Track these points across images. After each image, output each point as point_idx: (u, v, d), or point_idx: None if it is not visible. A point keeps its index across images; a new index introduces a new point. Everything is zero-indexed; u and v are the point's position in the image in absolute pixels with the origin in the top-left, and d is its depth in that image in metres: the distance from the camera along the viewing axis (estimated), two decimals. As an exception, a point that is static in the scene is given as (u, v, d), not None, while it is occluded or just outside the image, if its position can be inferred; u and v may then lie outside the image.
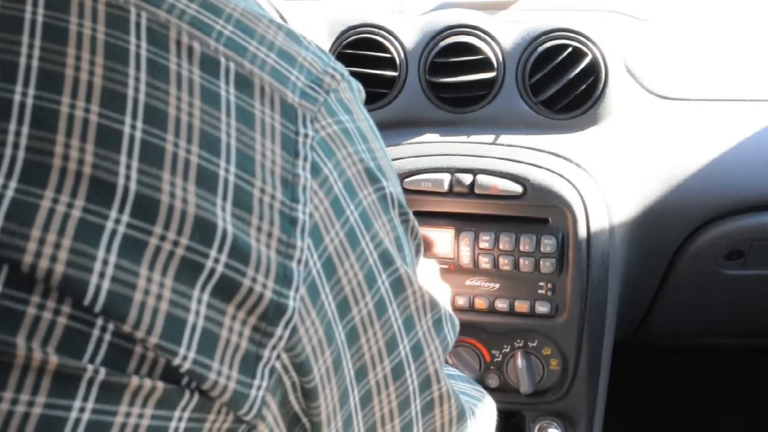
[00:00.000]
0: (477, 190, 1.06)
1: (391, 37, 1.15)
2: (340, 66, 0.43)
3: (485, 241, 1.07)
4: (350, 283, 0.41)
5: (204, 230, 0.35)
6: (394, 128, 1.15)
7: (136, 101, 0.34)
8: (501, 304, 1.09)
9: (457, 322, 0.54)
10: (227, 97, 0.37)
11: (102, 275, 0.32)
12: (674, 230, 1.14)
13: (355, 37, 1.15)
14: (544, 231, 1.06)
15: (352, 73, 0.44)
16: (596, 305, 1.08)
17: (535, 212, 1.06)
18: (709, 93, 1.14)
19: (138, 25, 0.36)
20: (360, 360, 0.43)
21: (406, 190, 1.08)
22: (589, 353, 1.10)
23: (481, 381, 1.14)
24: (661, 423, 1.76)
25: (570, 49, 1.08)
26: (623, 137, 1.11)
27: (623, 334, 1.21)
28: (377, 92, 1.15)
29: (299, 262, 0.38)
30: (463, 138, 1.12)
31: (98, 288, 0.32)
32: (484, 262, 1.08)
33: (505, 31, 1.13)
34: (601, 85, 1.08)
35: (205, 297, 0.35)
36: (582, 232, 1.05)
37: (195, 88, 0.36)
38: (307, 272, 0.38)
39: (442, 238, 1.09)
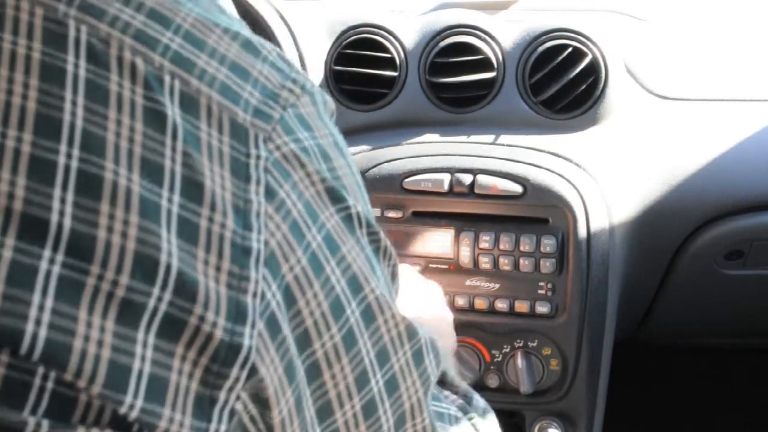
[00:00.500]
0: (477, 190, 1.06)
1: (391, 37, 1.15)
2: (302, 77, 0.40)
3: (485, 241, 1.07)
4: (312, 315, 0.38)
5: (145, 267, 0.32)
6: (394, 128, 1.15)
7: (72, 127, 0.32)
8: (501, 304, 1.09)
9: (440, 351, 0.49)
10: (173, 119, 0.34)
11: (38, 322, 0.30)
12: (674, 230, 1.14)
13: (355, 37, 1.15)
14: (544, 231, 1.06)
15: (352, 74, 0.43)
16: (596, 305, 1.08)
17: (535, 212, 1.06)
18: (709, 93, 1.14)
19: (77, 41, 0.33)
20: (322, 398, 0.40)
21: (406, 190, 1.08)
22: (589, 353, 1.10)
23: (481, 381, 1.14)
24: (661, 423, 1.76)
25: (570, 49, 1.08)
26: (623, 137, 1.11)
27: (623, 334, 1.21)
28: (377, 92, 1.15)
29: (254, 295, 0.35)
30: (463, 138, 1.12)
31: (35, 336, 0.30)
32: (484, 263, 1.07)
33: (505, 31, 1.13)
34: (601, 85, 1.08)
35: (151, 339, 0.32)
36: (582, 232, 1.05)
37: (137, 111, 0.33)
38: (264, 305, 0.35)
39: (442, 238, 1.09)
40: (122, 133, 0.33)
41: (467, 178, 1.06)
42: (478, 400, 0.64)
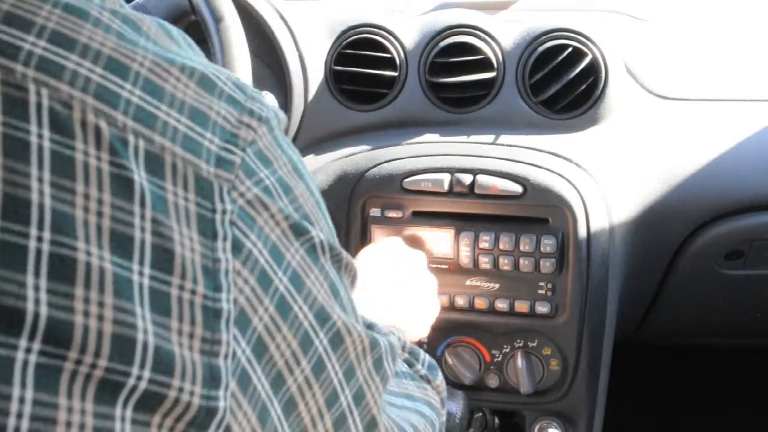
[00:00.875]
0: (477, 190, 1.06)
1: (391, 37, 1.15)
2: (258, 104, 0.39)
3: (485, 241, 1.07)
4: (283, 356, 0.39)
5: (123, 348, 0.32)
6: (394, 128, 1.15)
7: (41, 208, 0.31)
8: (501, 304, 1.09)
9: (398, 351, 0.53)
10: (140, 184, 0.33)
11: (20, 416, 0.30)
12: (674, 230, 1.14)
13: (355, 37, 1.15)
14: (544, 231, 1.06)
15: (352, 74, 0.42)
16: (596, 305, 1.08)
17: (535, 212, 1.06)
18: (709, 93, 1.14)
19: (39, 107, 0.31)
20: (299, 425, 0.42)
21: (406, 190, 1.08)
22: (589, 353, 1.10)
23: (481, 381, 1.14)
24: (661, 423, 1.76)
25: (570, 49, 1.08)
26: (623, 137, 1.11)
27: (623, 334, 1.21)
28: (377, 92, 1.15)
29: (226, 357, 0.35)
30: (463, 138, 1.12)
31: (17, 430, 0.30)
32: (484, 262, 1.07)
33: (505, 31, 1.13)
34: (601, 85, 1.08)
35: (129, 413, 0.32)
36: (582, 232, 1.05)
37: (104, 181, 0.32)
38: (235, 364, 0.36)
39: (442, 238, 1.09)
40: (90, 208, 0.32)
41: (467, 178, 1.06)
42: (425, 357, 0.69)
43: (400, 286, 0.89)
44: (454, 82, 1.11)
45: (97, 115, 0.33)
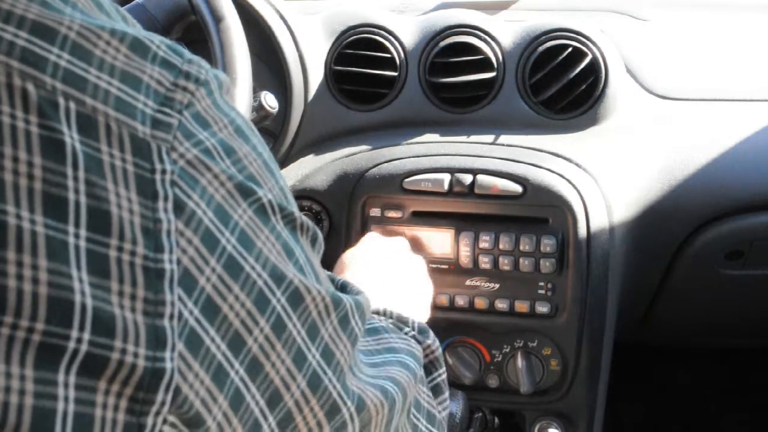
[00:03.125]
0: (477, 190, 1.06)
1: (391, 37, 1.15)
2: (196, 66, 0.39)
3: (485, 241, 1.07)
4: (238, 315, 0.39)
5: (60, 310, 0.31)
6: (394, 128, 1.15)
7: None
8: (501, 304, 1.09)
9: (367, 309, 0.52)
10: (72, 145, 0.33)
11: None
12: (674, 230, 1.14)
13: (355, 37, 1.15)
14: (544, 231, 1.06)
15: (353, 74, 0.42)
16: (596, 305, 1.08)
17: (535, 212, 1.06)
18: (709, 93, 1.14)
19: None
20: (270, 387, 0.41)
21: (406, 190, 1.08)
22: (589, 353, 1.10)
23: (481, 381, 1.14)
24: (661, 423, 1.76)
25: (570, 49, 1.08)
26: (623, 137, 1.11)
27: (623, 334, 1.21)
28: (377, 92, 1.15)
29: (171, 317, 0.35)
30: (463, 138, 1.12)
31: None
32: (484, 262, 1.07)
33: (505, 31, 1.13)
34: (601, 85, 1.08)
35: (72, 379, 0.32)
36: (582, 232, 1.05)
37: (34, 143, 0.32)
38: (182, 325, 0.36)
39: (442, 238, 1.09)
40: (21, 171, 0.31)
41: (467, 178, 1.06)
42: (414, 321, 0.69)
43: (390, 274, 0.89)
44: (454, 82, 1.11)
45: (23, 78, 0.32)
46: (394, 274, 0.89)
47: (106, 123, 0.34)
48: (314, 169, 1.15)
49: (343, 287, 0.57)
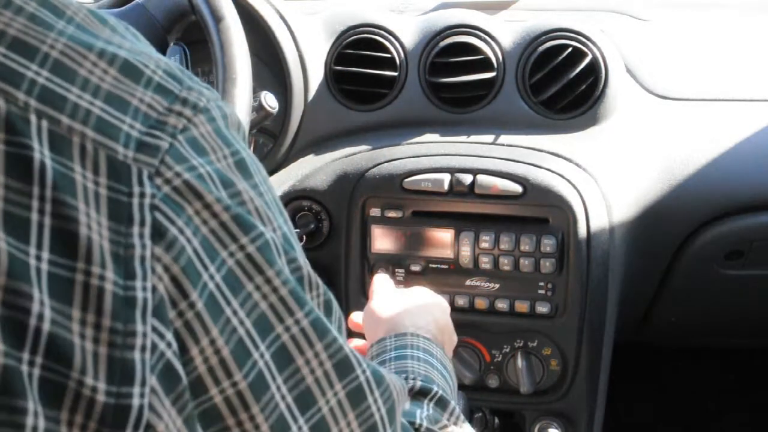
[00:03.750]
0: (477, 190, 1.06)
1: (391, 37, 1.15)
2: (196, 93, 0.37)
3: (485, 241, 1.07)
4: (207, 362, 0.35)
5: (12, 331, 0.30)
6: (394, 128, 1.15)
7: None
8: (501, 305, 1.09)
9: (403, 393, 0.45)
10: (41, 162, 0.31)
11: None
12: (674, 230, 1.14)
13: (355, 37, 1.15)
14: (544, 231, 1.06)
15: (353, 74, 0.40)
16: (596, 305, 1.08)
17: (535, 212, 1.06)
18: (709, 93, 1.14)
19: None
20: None
21: (406, 190, 1.08)
22: (589, 353, 1.10)
23: (481, 381, 1.14)
24: (661, 423, 1.76)
25: (570, 49, 1.08)
26: (623, 137, 1.11)
27: (623, 335, 1.21)
28: (377, 92, 1.15)
29: (143, 349, 0.32)
30: (463, 138, 1.12)
31: None
32: (484, 263, 1.07)
33: (505, 31, 1.13)
34: (601, 85, 1.08)
35: (39, 408, 0.30)
36: (582, 232, 1.04)
37: None
38: (157, 357, 0.33)
39: (442, 238, 1.09)
40: None
41: (467, 178, 1.06)
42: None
43: (419, 312, 0.81)
44: (454, 82, 1.11)
45: None
46: (417, 306, 0.82)
47: (81, 144, 0.33)
48: (314, 169, 1.15)
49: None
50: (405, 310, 0.80)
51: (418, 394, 0.59)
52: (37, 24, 0.33)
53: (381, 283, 0.95)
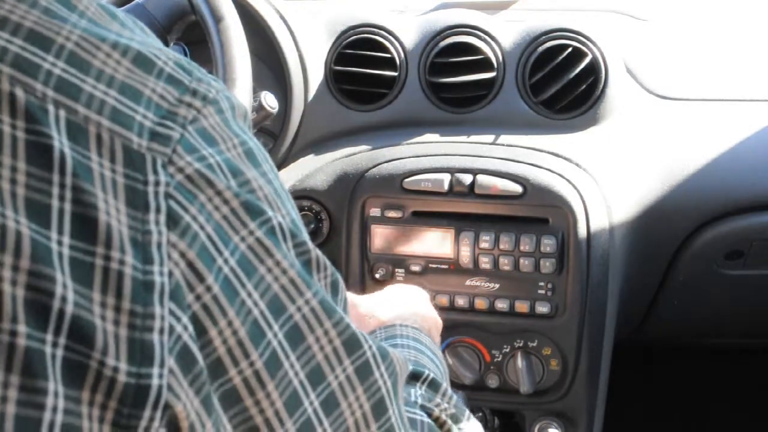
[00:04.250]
0: (477, 191, 1.06)
1: (391, 37, 1.15)
2: (204, 85, 0.38)
3: (485, 241, 1.07)
4: (226, 343, 0.36)
5: (37, 313, 0.31)
6: (394, 128, 1.15)
7: None
8: (501, 304, 1.09)
9: (405, 366, 0.47)
10: (61, 151, 0.32)
11: None
12: (674, 230, 1.14)
13: (355, 37, 1.15)
14: (544, 231, 1.06)
15: (353, 74, 0.41)
16: (596, 305, 1.08)
17: (535, 212, 1.06)
18: (709, 93, 1.14)
19: None
20: (244, 424, 0.38)
21: (406, 190, 1.08)
22: (589, 353, 1.10)
23: (481, 381, 1.14)
24: (661, 423, 1.76)
25: (570, 49, 1.08)
26: (623, 137, 1.11)
27: (623, 335, 1.21)
28: (377, 92, 1.15)
29: (161, 332, 0.33)
30: (463, 138, 1.12)
31: None
32: (484, 263, 1.07)
33: (505, 31, 1.13)
34: (601, 85, 1.08)
35: (60, 388, 0.31)
36: (582, 232, 1.04)
37: (19, 148, 0.32)
38: (174, 339, 0.34)
39: (442, 238, 1.09)
40: (3, 175, 0.31)
41: (467, 178, 1.06)
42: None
43: (400, 305, 0.83)
44: (454, 82, 1.11)
45: (12, 83, 0.32)
46: (407, 305, 0.83)
47: (97, 133, 0.34)
48: (314, 169, 1.15)
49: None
50: (388, 305, 0.82)
51: (411, 378, 0.60)
52: (51, 17, 0.34)
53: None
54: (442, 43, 1.12)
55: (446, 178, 1.07)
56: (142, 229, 0.34)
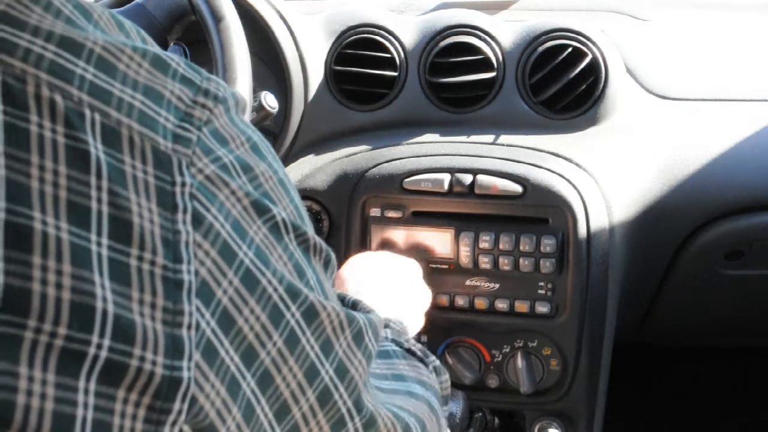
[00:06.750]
0: (477, 190, 1.06)
1: (391, 37, 1.15)
2: (213, 85, 0.40)
3: (485, 241, 1.07)
4: (253, 329, 0.39)
5: (82, 315, 0.32)
6: (394, 128, 1.15)
7: None
8: (501, 304, 1.09)
9: (380, 328, 0.52)
10: (96, 156, 0.34)
11: None
12: (674, 230, 1.14)
13: (355, 37, 1.15)
14: (544, 231, 1.06)
15: (352, 74, 0.42)
16: (596, 305, 1.08)
17: (535, 212, 1.06)
18: (709, 93, 1.14)
19: None
20: (279, 400, 0.42)
21: (406, 190, 1.08)
22: (589, 353, 1.10)
23: (481, 381, 1.14)
24: (661, 423, 1.76)
25: (570, 49, 1.08)
26: (623, 137, 1.11)
27: (623, 335, 1.21)
28: (377, 92, 1.15)
29: (189, 327, 0.35)
30: (463, 138, 1.12)
31: None
32: (484, 262, 1.07)
33: (505, 31, 1.13)
34: (601, 85, 1.08)
35: (92, 386, 0.32)
36: (582, 232, 1.05)
37: (60, 152, 0.33)
38: (199, 335, 0.36)
39: (442, 238, 1.09)
40: (46, 179, 0.32)
41: (467, 178, 1.06)
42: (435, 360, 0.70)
43: (382, 278, 0.89)
44: (454, 82, 1.11)
45: (51, 90, 0.33)
46: (388, 282, 0.89)
47: (129, 135, 0.35)
48: (314, 169, 1.15)
49: (354, 306, 0.58)
50: (373, 286, 0.87)
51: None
52: (75, 27, 0.35)
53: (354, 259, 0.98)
54: (442, 43, 1.12)
55: (446, 178, 1.07)
56: (172, 229, 0.36)
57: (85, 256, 0.32)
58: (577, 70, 1.07)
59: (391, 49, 1.14)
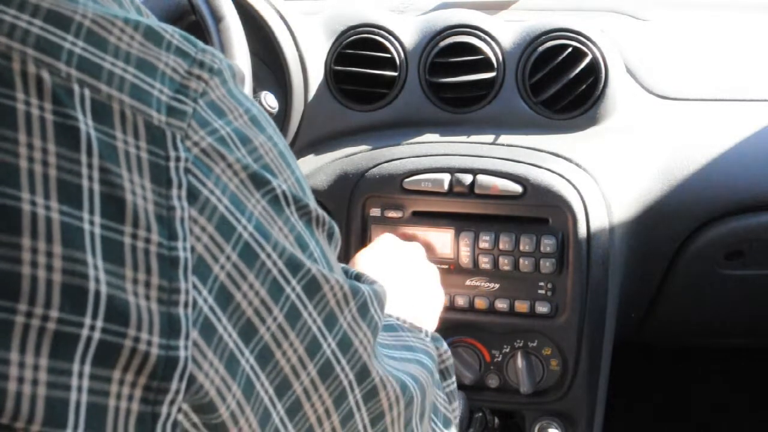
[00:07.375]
0: (477, 190, 1.06)
1: (391, 37, 1.15)
2: (209, 56, 0.39)
3: (485, 241, 1.07)
4: (252, 304, 0.38)
5: (74, 297, 0.31)
6: (394, 128, 1.15)
7: None
8: (501, 304, 1.09)
9: (384, 297, 0.52)
10: (87, 132, 0.33)
11: None
12: (674, 230, 1.14)
13: (355, 37, 1.15)
14: (544, 231, 1.06)
15: (352, 74, 0.42)
16: (596, 305, 1.08)
17: (535, 212, 1.06)
18: (709, 93, 1.14)
19: None
20: (279, 375, 0.41)
21: (406, 190, 1.08)
22: (589, 353, 1.10)
23: (481, 381, 1.14)
24: (661, 423, 1.76)
25: (570, 49, 1.08)
26: (623, 137, 1.11)
27: (623, 335, 1.21)
28: (377, 92, 1.15)
29: (186, 305, 0.35)
30: (463, 138, 1.12)
31: None
32: (484, 262, 1.07)
33: (505, 31, 1.13)
34: (601, 85, 1.08)
35: (87, 369, 0.32)
36: (582, 232, 1.04)
37: (48, 130, 0.32)
38: (197, 313, 0.35)
39: (442, 238, 1.09)
40: (35, 158, 0.31)
41: (467, 178, 1.06)
42: (426, 330, 0.70)
43: (403, 280, 0.88)
44: (454, 82, 1.11)
45: (38, 66, 0.32)
46: (406, 280, 0.88)
47: (120, 110, 0.34)
48: (314, 169, 1.15)
49: (358, 278, 0.57)
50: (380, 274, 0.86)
51: None
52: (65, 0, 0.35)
53: (381, 240, 0.97)
54: (442, 43, 1.12)
55: (446, 178, 1.07)
56: (166, 205, 0.35)
57: (77, 236, 0.32)
58: (577, 70, 1.07)
59: (391, 49, 1.14)
